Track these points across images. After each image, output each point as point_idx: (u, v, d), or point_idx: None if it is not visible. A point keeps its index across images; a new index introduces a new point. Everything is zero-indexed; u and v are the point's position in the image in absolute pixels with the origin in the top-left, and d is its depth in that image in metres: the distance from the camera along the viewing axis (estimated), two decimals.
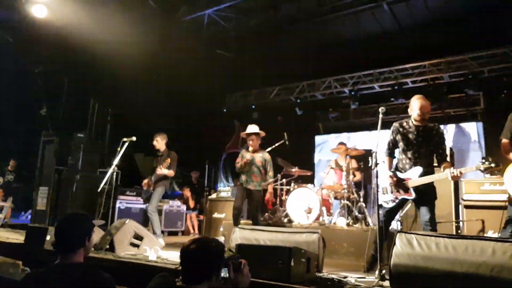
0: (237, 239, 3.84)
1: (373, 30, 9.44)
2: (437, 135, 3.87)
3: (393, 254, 2.83)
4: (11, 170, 9.59)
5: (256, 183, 5.92)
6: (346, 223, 5.93)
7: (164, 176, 6.39)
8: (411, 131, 3.90)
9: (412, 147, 3.87)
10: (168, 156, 6.33)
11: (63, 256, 2.15)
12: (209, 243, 2.02)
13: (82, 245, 2.20)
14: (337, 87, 10.61)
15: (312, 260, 3.29)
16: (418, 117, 3.83)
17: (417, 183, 3.76)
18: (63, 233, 2.19)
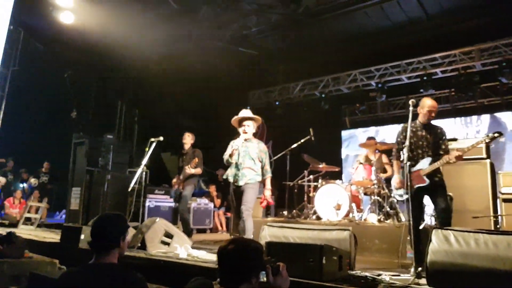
0: (266, 236, 3.81)
1: (399, 20, 9.21)
2: (441, 133, 4.23)
3: (429, 251, 2.74)
4: (45, 172, 9.90)
5: (249, 177, 4.89)
6: (377, 219, 5.80)
7: (192, 175, 6.43)
8: (419, 129, 4.25)
9: (421, 143, 4.20)
10: (194, 155, 6.38)
11: (98, 255, 2.18)
12: (247, 244, 1.96)
13: (117, 245, 2.22)
14: (363, 80, 10.40)
15: (344, 258, 3.22)
16: (427, 115, 4.19)
17: (428, 170, 4.03)
18: (99, 232, 2.23)
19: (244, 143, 4.99)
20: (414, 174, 4.04)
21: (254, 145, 5.01)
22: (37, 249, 5.27)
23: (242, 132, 5.00)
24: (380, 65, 10.00)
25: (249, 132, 5.01)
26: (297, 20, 9.53)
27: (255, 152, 4.97)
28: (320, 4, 8.97)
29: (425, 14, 8.78)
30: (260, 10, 9.69)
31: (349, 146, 11.61)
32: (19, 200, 8.98)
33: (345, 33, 10.10)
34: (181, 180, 6.47)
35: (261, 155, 5.01)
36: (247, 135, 4.98)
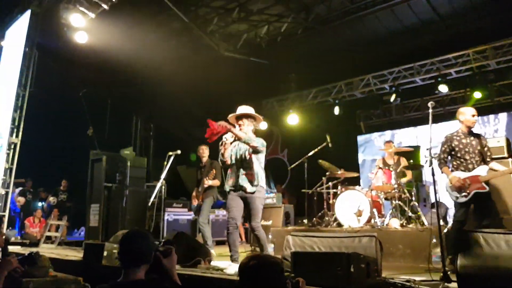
0: (291, 247, 3.77)
1: (410, 22, 9.17)
2: (484, 140, 4.44)
3: (459, 255, 2.67)
4: (64, 189, 9.99)
5: (250, 184, 4.30)
6: (399, 224, 5.71)
7: (210, 186, 6.43)
8: (463, 137, 4.43)
9: (468, 150, 4.36)
10: (211, 166, 6.38)
11: (127, 271, 2.17)
12: (268, 260, 2.00)
13: (149, 260, 2.22)
14: (376, 84, 10.34)
15: (371, 265, 3.16)
16: (470, 122, 4.38)
17: (488, 177, 4.19)
18: (130, 248, 2.22)
19: (237, 143, 4.46)
20: (472, 178, 4.20)
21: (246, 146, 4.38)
22: (60, 267, 5.30)
23: None
24: (393, 68, 9.94)
25: (244, 130, 4.42)
26: (308, 28, 9.55)
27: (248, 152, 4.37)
28: (331, 11, 8.97)
29: (436, 15, 8.71)
30: (271, 20, 9.74)
31: (365, 151, 11.50)
32: (39, 219, 9.07)
33: (357, 38, 10.07)
34: (200, 193, 6.47)
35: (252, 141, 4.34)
36: None
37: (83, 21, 7.13)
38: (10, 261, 3.09)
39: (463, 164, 4.35)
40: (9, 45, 8.50)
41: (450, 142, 4.45)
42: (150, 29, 9.48)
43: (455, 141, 4.44)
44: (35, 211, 9.27)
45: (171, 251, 2.38)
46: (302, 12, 9.21)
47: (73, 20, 6.95)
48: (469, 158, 4.34)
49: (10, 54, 8.26)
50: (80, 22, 7.08)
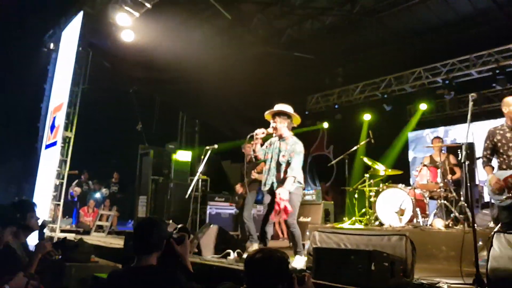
0: (317, 243, 3.66)
1: (465, 11, 8.57)
2: None
3: (490, 257, 2.46)
4: (115, 182, 10.50)
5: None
6: (443, 225, 5.37)
7: (256, 180, 6.48)
8: (507, 131, 4.08)
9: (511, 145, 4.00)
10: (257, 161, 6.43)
11: (139, 257, 2.24)
12: (273, 254, 2.03)
13: (160, 248, 2.28)
14: (428, 77, 9.83)
15: (396, 264, 2.99)
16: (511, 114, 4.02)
17: None
18: (142, 236, 2.30)
19: (275, 140, 4.43)
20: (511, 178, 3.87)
21: (287, 146, 4.33)
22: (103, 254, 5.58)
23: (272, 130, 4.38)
24: (447, 61, 9.39)
25: (279, 130, 4.36)
26: (353, 20, 9.25)
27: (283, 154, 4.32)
28: (377, 2, 8.62)
29: (493, 2, 8.07)
30: (314, 14, 9.55)
31: (416, 148, 10.97)
32: (92, 209, 9.58)
33: (406, 29, 9.60)
34: (245, 185, 6.52)
35: (291, 155, 4.28)
36: (274, 131, 4.39)
37: (129, 20, 7.41)
38: (44, 245, 3.27)
39: (506, 161, 3.99)
40: (65, 45, 9.03)
41: (492, 137, 4.12)
42: (194, 27, 9.65)
43: (497, 136, 4.10)
44: (90, 202, 9.79)
45: (184, 238, 2.41)
46: (347, 4, 8.92)
47: (119, 19, 7.24)
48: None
49: (66, 53, 8.79)
50: (126, 21, 7.36)
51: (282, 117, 4.42)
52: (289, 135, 4.43)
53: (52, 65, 9.68)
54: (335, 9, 9.11)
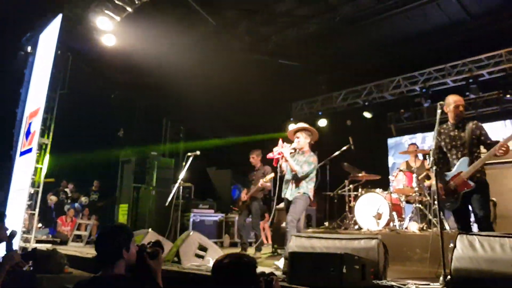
0: (293, 247, 3.72)
1: (441, 22, 8.82)
2: (477, 128, 3.86)
3: (453, 258, 2.56)
4: (95, 190, 10.37)
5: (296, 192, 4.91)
6: (418, 228, 5.50)
7: (260, 190, 6.67)
8: (451, 130, 3.97)
9: (456, 144, 3.90)
10: (265, 170, 6.66)
11: (103, 268, 2.19)
12: (241, 258, 2.06)
13: (120, 257, 2.21)
14: (407, 86, 10.05)
15: (367, 267, 3.07)
16: (455, 112, 3.90)
17: (471, 172, 3.69)
18: (99, 246, 2.25)
19: (297, 155, 5.01)
20: (455, 179, 3.75)
21: (303, 158, 4.97)
22: (79, 264, 5.48)
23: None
24: (424, 70, 9.63)
25: (301, 143, 5.01)
26: (335, 28, 9.42)
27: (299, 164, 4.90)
28: (358, 11, 8.80)
29: (467, 15, 8.35)
30: (298, 22, 9.69)
31: (396, 154, 11.17)
32: (71, 219, 9.41)
33: (386, 38, 9.83)
34: (250, 193, 6.65)
35: (303, 164, 4.90)
36: (297, 145, 5.02)
37: (110, 24, 7.39)
38: (12, 256, 3.18)
39: (448, 162, 3.87)
40: (42, 49, 8.89)
41: (438, 137, 3.94)
42: (178, 32, 9.67)
43: (442, 135, 3.97)
44: (68, 211, 9.63)
45: (158, 253, 2.40)
46: (329, 12, 9.09)
47: (99, 23, 7.22)
48: (455, 153, 3.85)
49: (44, 57, 8.64)
50: (107, 25, 7.34)
51: (306, 133, 5.10)
52: (308, 149, 5.10)
53: (28, 69, 9.43)
54: (317, 17, 9.26)
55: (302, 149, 5.05)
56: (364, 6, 8.55)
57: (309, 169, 4.89)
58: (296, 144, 5.01)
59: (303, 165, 4.89)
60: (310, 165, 4.91)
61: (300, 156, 5.02)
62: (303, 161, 4.93)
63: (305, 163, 4.90)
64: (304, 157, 4.99)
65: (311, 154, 5.02)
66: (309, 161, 4.91)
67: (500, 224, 4.57)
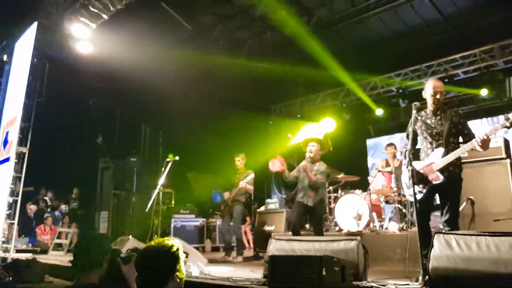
0: (273, 250, 3.74)
1: (415, 23, 9.05)
2: (456, 116, 3.63)
3: (431, 257, 2.61)
4: (75, 197, 10.21)
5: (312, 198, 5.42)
6: (398, 228, 5.60)
7: (244, 192, 6.76)
8: (429, 117, 3.73)
9: (432, 131, 3.66)
10: (247, 173, 6.76)
11: (79, 276, 2.18)
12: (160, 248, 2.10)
13: (100, 265, 2.21)
14: (383, 87, 10.21)
15: (347, 268, 3.11)
16: (433, 98, 3.65)
17: (442, 164, 3.48)
18: (82, 253, 2.24)
19: (309, 164, 5.53)
20: (426, 168, 3.55)
21: (315, 167, 5.52)
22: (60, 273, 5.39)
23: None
24: (400, 70, 9.80)
25: (312, 153, 5.55)
26: (311, 31, 9.51)
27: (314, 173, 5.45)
28: (333, 14, 8.92)
29: (440, 15, 8.56)
30: (274, 25, 9.75)
31: (375, 155, 11.34)
32: (50, 227, 9.25)
33: (361, 40, 10.01)
34: (232, 196, 6.65)
35: (317, 176, 5.45)
36: (311, 154, 5.55)
37: (86, 31, 7.30)
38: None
39: (424, 149, 3.66)
40: (18, 57, 8.75)
41: (414, 123, 3.71)
42: (155, 37, 9.61)
43: (418, 122, 3.74)
44: (46, 219, 9.45)
45: (131, 258, 2.40)
46: (304, 16, 9.18)
47: (74, 31, 7.11)
48: (431, 142, 3.61)
49: (20, 65, 8.51)
50: (82, 33, 7.24)
51: (317, 143, 5.69)
52: (318, 158, 5.65)
53: (5, 77, 9.31)
54: (292, 20, 9.34)
55: (314, 159, 5.58)
56: (339, 9, 8.69)
57: (323, 177, 5.51)
58: (309, 154, 5.57)
59: (317, 174, 5.46)
60: (322, 174, 5.50)
61: (314, 166, 5.57)
62: (316, 170, 5.50)
63: (318, 174, 5.47)
64: (316, 167, 5.55)
65: (322, 163, 5.61)
66: (321, 170, 5.51)
67: (477, 222, 4.68)
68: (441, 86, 3.70)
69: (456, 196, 3.55)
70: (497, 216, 4.46)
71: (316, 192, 5.43)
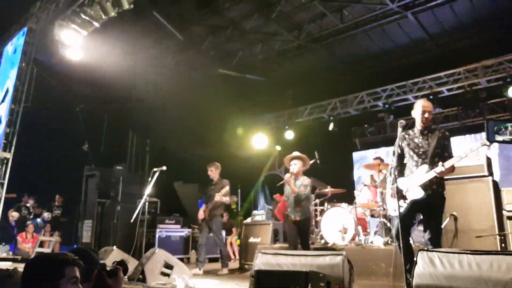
0: (259, 264, 3.75)
1: (402, 41, 9.26)
2: (443, 138, 3.77)
3: (414, 274, 2.66)
4: (58, 205, 10.01)
5: (300, 212, 5.54)
6: (383, 242, 5.66)
7: (218, 205, 6.60)
8: (416, 136, 3.86)
9: (419, 150, 3.78)
10: (222, 184, 6.63)
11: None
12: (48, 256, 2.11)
13: (86, 279, 2.19)
14: (370, 102, 10.37)
15: (333, 284, 3.14)
16: (421, 117, 3.78)
17: (424, 180, 3.62)
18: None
19: (293, 180, 5.68)
20: (409, 184, 3.68)
21: (299, 182, 5.66)
22: None
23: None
24: (386, 86, 9.98)
25: (295, 169, 5.69)
26: (301, 45, 9.66)
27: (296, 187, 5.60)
28: (322, 30, 9.07)
29: (426, 34, 8.78)
30: (264, 38, 9.88)
31: (361, 168, 11.46)
32: (31, 235, 9.05)
33: (350, 56, 10.20)
34: (208, 209, 6.56)
35: (301, 188, 5.59)
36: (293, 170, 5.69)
37: (77, 38, 7.28)
38: None
39: (410, 167, 3.79)
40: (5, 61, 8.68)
41: (401, 142, 3.83)
42: (146, 46, 9.66)
43: (406, 140, 3.86)
44: (28, 227, 9.26)
45: (117, 271, 2.39)
46: (295, 30, 9.33)
47: (65, 38, 7.08)
48: (417, 160, 3.73)
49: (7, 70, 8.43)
50: (73, 40, 7.21)
51: (300, 161, 5.81)
52: (301, 174, 5.82)
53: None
54: (283, 34, 9.48)
55: (297, 175, 5.72)
56: (328, 25, 8.83)
57: (307, 190, 5.62)
58: (293, 169, 5.70)
59: (301, 187, 5.59)
60: (306, 187, 5.63)
61: (297, 181, 5.71)
62: (300, 184, 5.63)
63: (302, 186, 5.61)
64: (299, 181, 5.68)
65: (305, 178, 5.75)
66: (305, 183, 5.64)
67: (460, 238, 4.77)
68: (429, 106, 3.81)
69: (439, 215, 3.67)
70: (479, 233, 4.55)
71: (302, 206, 5.54)
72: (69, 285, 1.88)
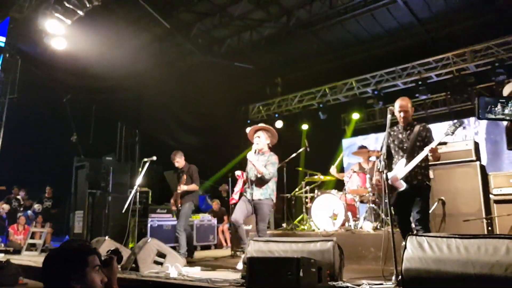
0: (251, 252, 3.79)
1: (391, 26, 9.25)
2: (424, 130, 3.94)
3: (404, 259, 2.71)
4: (48, 196, 9.97)
5: (258, 194, 4.85)
6: (372, 227, 5.73)
7: (188, 192, 6.46)
8: (400, 132, 4.05)
9: (402, 146, 3.97)
10: (188, 171, 6.42)
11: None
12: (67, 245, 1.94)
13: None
14: (359, 88, 10.40)
15: (324, 269, 3.19)
16: (399, 116, 3.98)
17: (405, 172, 3.79)
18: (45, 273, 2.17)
19: (257, 156, 4.91)
20: (394, 177, 3.84)
21: (265, 158, 4.89)
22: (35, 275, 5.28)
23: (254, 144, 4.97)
24: (375, 72, 10.00)
25: (261, 143, 4.94)
26: (290, 32, 9.60)
27: (262, 165, 4.80)
28: (311, 16, 9.02)
29: (416, 19, 8.78)
30: (253, 25, 9.79)
31: (350, 155, 11.53)
32: (23, 227, 9.02)
33: (339, 42, 10.17)
34: (177, 197, 6.50)
35: (267, 165, 4.82)
36: (258, 146, 4.93)
37: (61, 27, 7.14)
38: None
39: (395, 161, 3.96)
40: None
41: (387, 139, 3.96)
42: (132, 35, 9.50)
43: (391, 137, 4.04)
44: (19, 219, 9.22)
45: (111, 260, 2.39)
46: (283, 16, 9.26)
47: (49, 27, 6.94)
48: (401, 155, 3.90)
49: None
50: (57, 29, 7.07)
51: (266, 134, 5.03)
52: (268, 149, 5.05)
53: None
54: (272, 21, 9.41)
55: (262, 150, 4.97)
56: (317, 11, 8.78)
57: (273, 169, 4.84)
58: (257, 145, 4.93)
59: (267, 166, 4.80)
60: (274, 165, 4.86)
61: (261, 156, 4.92)
62: (266, 161, 4.84)
63: (269, 164, 4.81)
64: (265, 157, 4.90)
65: (272, 154, 4.96)
66: (272, 161, 4.85)
67: (448, 222, 4.86)
68: (405, 105, 3.97)
69: (426, 200, 3.83)
70: (467, 217, 4.63)
71: (264, 187, 4.84)
72: (93, 273, 1.87)
